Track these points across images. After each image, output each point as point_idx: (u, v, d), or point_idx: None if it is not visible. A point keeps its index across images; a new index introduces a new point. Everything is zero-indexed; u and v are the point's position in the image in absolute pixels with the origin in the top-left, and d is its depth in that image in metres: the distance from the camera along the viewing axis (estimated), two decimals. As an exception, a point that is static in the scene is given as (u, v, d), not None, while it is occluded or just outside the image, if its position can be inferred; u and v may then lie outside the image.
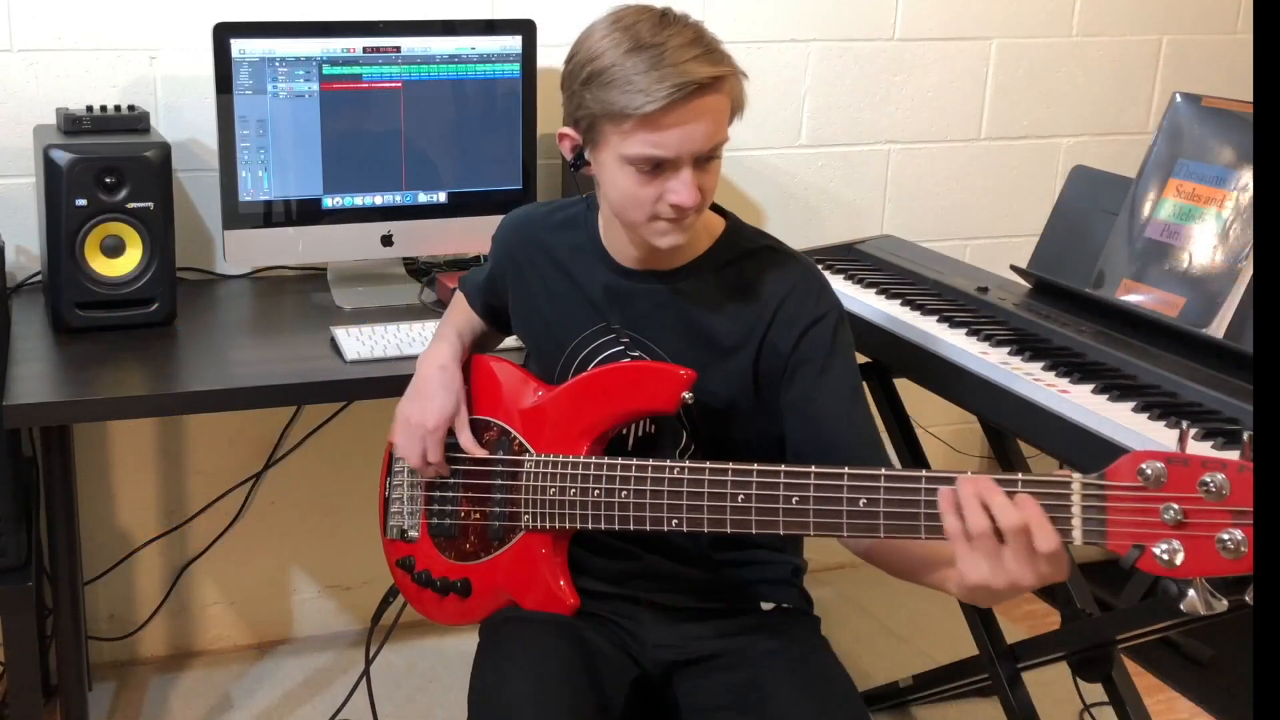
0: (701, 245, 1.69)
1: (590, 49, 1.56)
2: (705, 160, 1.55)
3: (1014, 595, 1.32)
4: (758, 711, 1.62)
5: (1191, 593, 1.24)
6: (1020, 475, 1.30)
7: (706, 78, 1.49)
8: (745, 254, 1.69)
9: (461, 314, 1.91)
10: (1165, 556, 1.21)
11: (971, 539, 1.29)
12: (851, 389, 1.63)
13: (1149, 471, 1.22)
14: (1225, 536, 1.19)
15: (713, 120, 1.52)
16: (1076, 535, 1.27)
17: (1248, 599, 1.21)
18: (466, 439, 1.73)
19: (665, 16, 1.54)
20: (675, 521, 1.53)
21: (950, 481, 1.33)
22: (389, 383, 2.00)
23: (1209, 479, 1.19)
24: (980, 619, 2.32)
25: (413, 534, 1.82)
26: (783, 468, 1.45)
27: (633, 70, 1.49)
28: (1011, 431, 2.10)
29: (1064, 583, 2.22)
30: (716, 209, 1.73)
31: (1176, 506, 1.21)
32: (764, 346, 1.64)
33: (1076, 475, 1.27)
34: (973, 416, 2.24)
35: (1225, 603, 1.24)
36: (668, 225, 1.58)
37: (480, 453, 1.72)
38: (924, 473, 1.37)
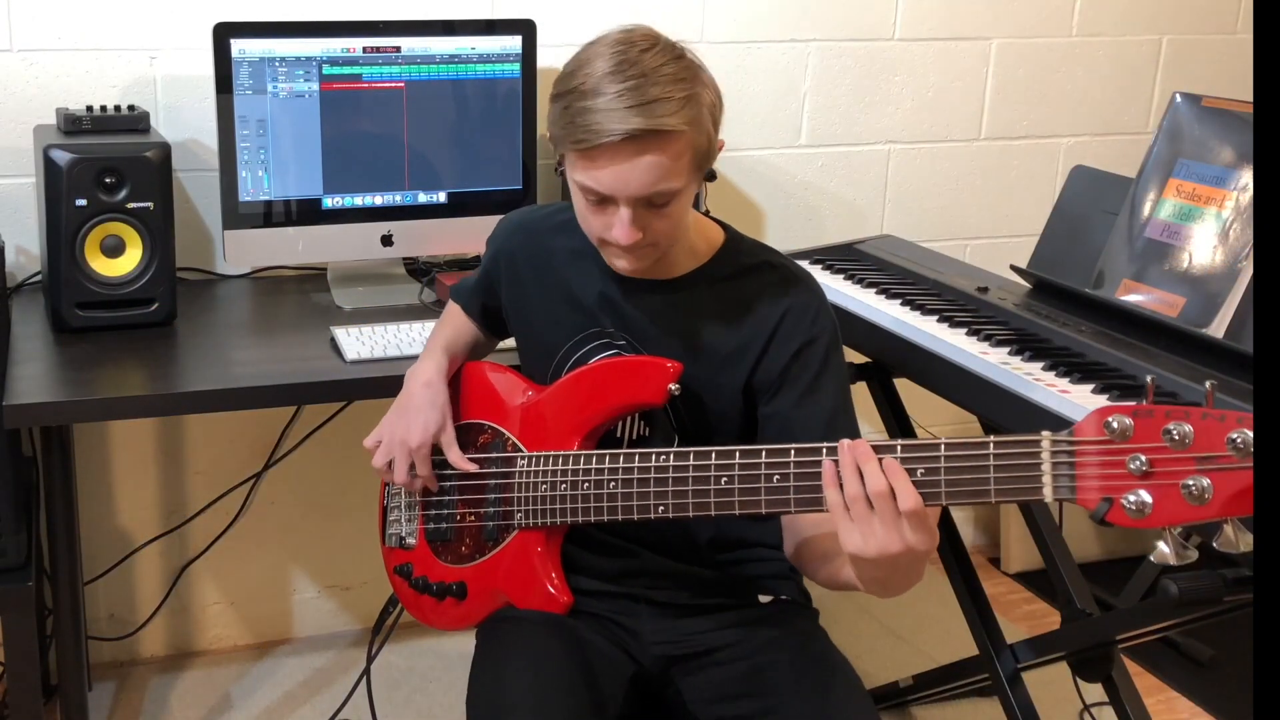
0: (701, 257, 1.69)
1: (575, 61, 1.55)
2: (653, 204, 1.54)
3: (890, 569, 1.36)
4: (762, 698, 1.62)
5: (1161, 544, 1.24)
6: (991, 438, 1.31)
7: (638, 130, 1.47)
8: (745, 269, 1.69)
9: (451, 326, 1.90)
10: (1134, 507, 1.23)
11: (847, 506, 1.35)
12: (832, 412, 1.63)
13: (1115, 425, 1.23)
14: (1190, 483, 1.20)
15: (653, 170, 1.50)
16: (1047, 492, 1.28)
17: (1215, 544, 1.22)
18: (455, 455, 1.73)
19: (653, 49, 1.51)
20: (662, 508, 1.54)
21: (923, 448, 1.35)
22: (389, 383, 2.00)
23: (1173, 428, 1.20)
24: (980, 619, 2.32)
25: (410, 541, 1.82)
26: (764, 448, 1.46)
27: (586, 101, 1.49)
28: (1011, 431, 2.10)
29: (1064, 583, 2.23)
30: (717, 221, 1.73)
31: (1143, 457, 1.22)
32: (760, 363, 1.64)
33: (1046, 433, 1.29)
34: (973, 416, 2.24)
35: (1196, 553, 1.25)
36: (619, 251, 1.58)
37: (470, 468, 1.72)
38: (900, 442, 1.38)
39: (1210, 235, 2.03)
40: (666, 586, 1.75)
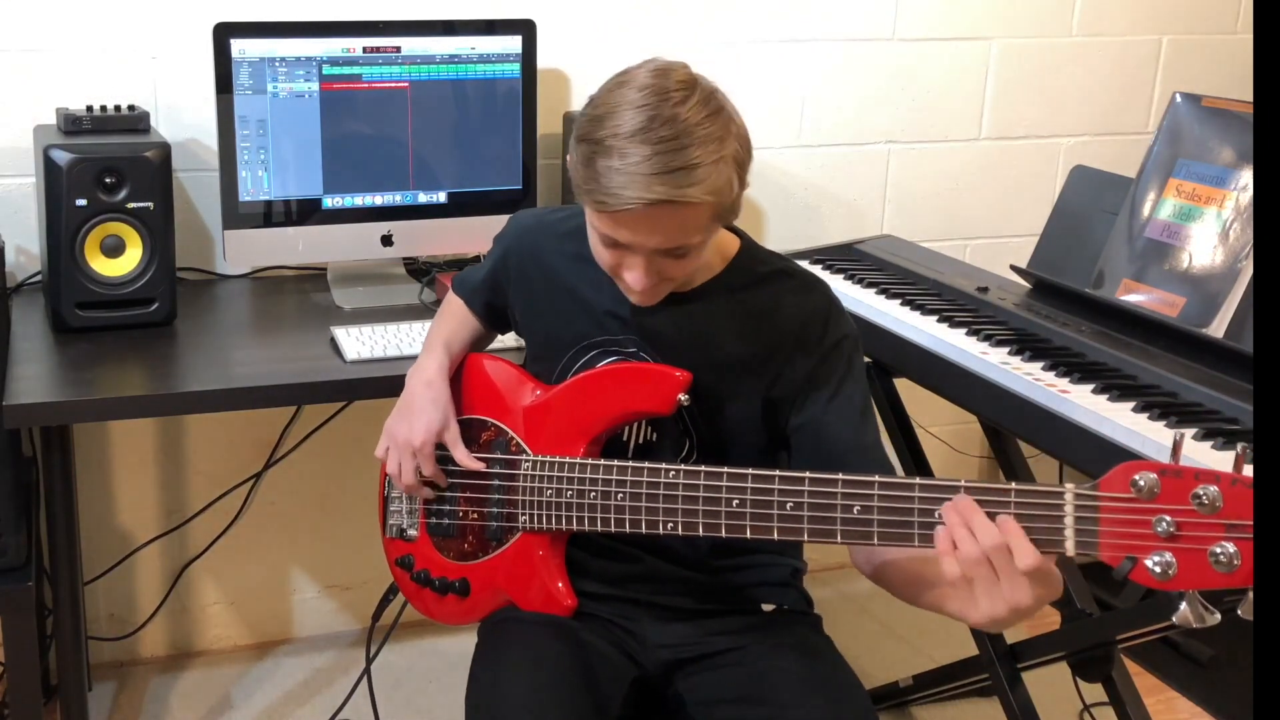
0: (715, 267, 1.67)
1: (603, 104, 1.49)
2: (671, 255, 1.52)
3: (1022, 619, 1.31)
4: (765, 703, 1.62)
5: (1184, 605, 1.23)
6: (1014, 485, 1.29)
7: (661, 200, 1.43)
8: (760, 279, 1.67)
9: (451, 321, 1.89)
10: (1158, 569, 1.21)
11: (965, 570, 1.29)
12: (860, 411, 1.63)
13: (1142, 483, 1.21)
14: (1218, 550, 1.18)
15: (672, 231, 1.48)
16: (1069, 546, 1.27)
17: (1240, 613, 1.20)
18: (461, 454, 1.72)
19: (687, 101, 1.45)
20: (671, 525, 1.53)
21: (943, 489, 1.33)
22: (389, 383, 2.00)
23: (1201, 491, 1.18)
24: (980, 619, 2.32)
25: (412, 533, 1.82)
26: (777, 473, 1.45)
27: (611, 160, 1.44)
28: (1011, 431, 2.11)
29: (1064, 582, 2.23)
30: (731, 228, 1.71)
31: (1169, 519, 1.20)
32: (780, 373, 1.63)
33: (1070, 486, 1.27)
34: (973, 416, 2.24)
35: (1218, 615, 1.23)
36: (631, 288, 1.57)
37: (478, 466, 1.72)
38: (918, 480, 1.37)
39: (1210, 235, 2.03)
40: (669, 591, 1.75)
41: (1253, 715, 1.17)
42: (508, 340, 2.02)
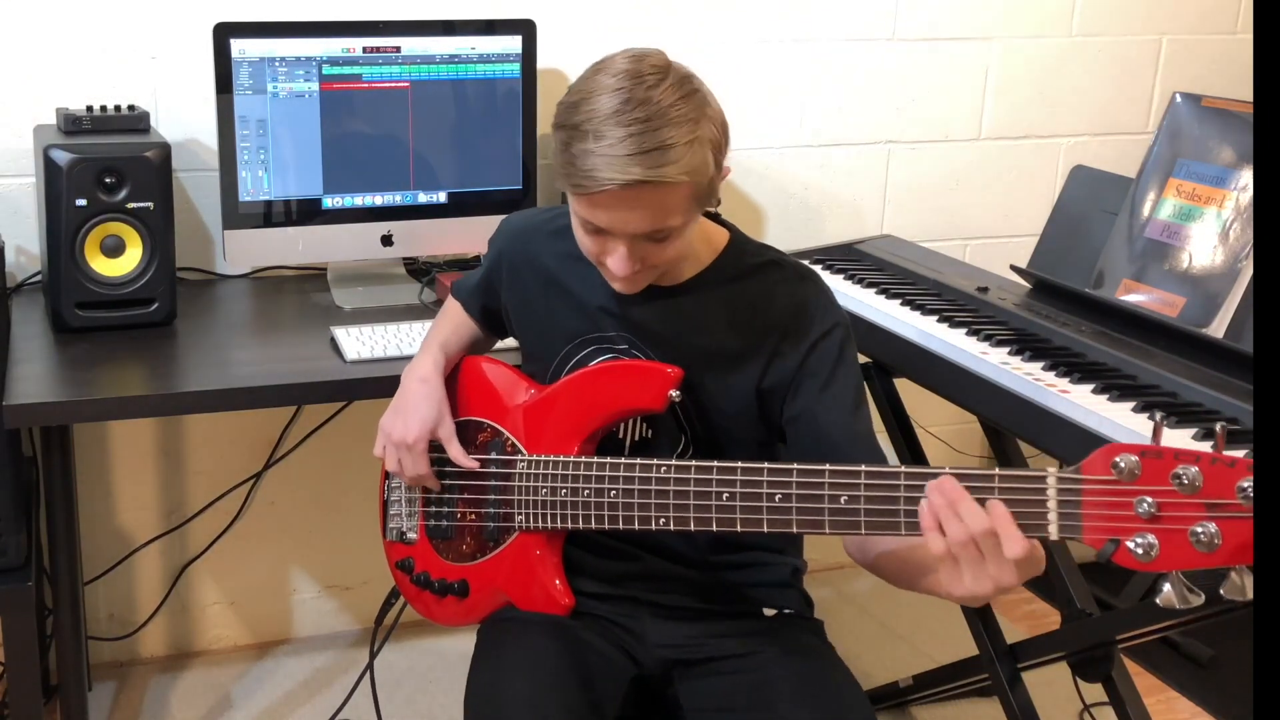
0: (705, 260, 1.68)
1: (580, 91, 1.51)
2: (652, 239, 1.52)
3: (1005, 593, 1.33)
4: (764, 711, 1.62)
5: (1167, 587, 1.23)
6: (996, 471, 1.30)
7: (638, 181, 1.44)
8: (750, 270, 1.68)
9: (449, 323, 1.89)
10: (1140, 551, 1.21)
11: (952, 550, 1.30)
12: (853, 399, 1.63)
13: (1122, 464, 1.22)
14: (1199, 529, 1.18)
15: (651, 214, 1.48)
16: (1053, 530, 1.27)
17: (1222, 592, 1.20)
18: (456, 452, 1.72)
19: (661, 84, 1.47)
20: (663, 520, 1.54)
21: (928, 477, 1.34)
22: (389, 383, 2.00)
23: (1181, 471, 1.19)
24: (980, 619, 2.32)
25: (411, 536, 1.82)
26: (766, 465, 1.46)
27: (587, 144, 1.45)
28: (1011, 431, 2.11)
29: (1064, 583, 2.23)
30: (719, 220, 1.72)
31: (1150, 500, 1.21)
32: (771, 363, 1.64)
33: (1051, 470, 1.27)
34: (973, 416, 2.24)
35: (1202, 596, 1.24)
36: (614, 275, 1.58)
37: (471, 465, 1.72)
38: (903, 469, 1.37)
39: (1210, 235, 2.03)
40: (668, 590, 1.75)
41: (1253, 715, 1.17)
42: (506, 342, 2.02)
